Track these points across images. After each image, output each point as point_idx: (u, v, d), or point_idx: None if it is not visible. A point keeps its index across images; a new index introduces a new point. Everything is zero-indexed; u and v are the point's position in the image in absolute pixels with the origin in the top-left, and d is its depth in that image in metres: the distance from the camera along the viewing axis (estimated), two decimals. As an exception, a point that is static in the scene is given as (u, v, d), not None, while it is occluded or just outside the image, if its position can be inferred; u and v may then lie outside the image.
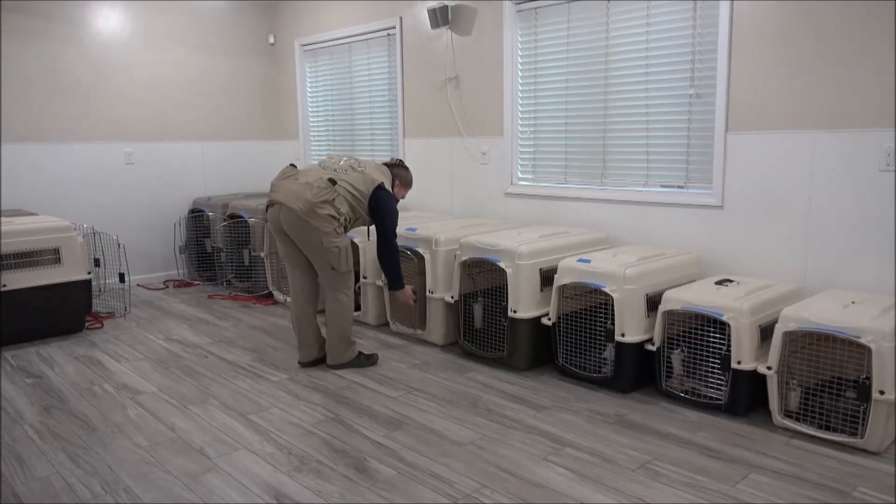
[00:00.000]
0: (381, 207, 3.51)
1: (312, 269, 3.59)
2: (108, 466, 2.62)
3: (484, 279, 3.89)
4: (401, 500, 2.35)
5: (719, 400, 3.01)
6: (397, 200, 3.65)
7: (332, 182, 3.39)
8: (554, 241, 3.73)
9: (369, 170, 3.54)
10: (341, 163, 3.54)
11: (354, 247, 4.43)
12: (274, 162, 6.65)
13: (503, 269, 3.57)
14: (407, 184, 3.80)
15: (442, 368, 3.68)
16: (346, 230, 3.49)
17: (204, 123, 6.14)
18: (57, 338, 4.33)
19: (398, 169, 3.76)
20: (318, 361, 3.73)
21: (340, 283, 3.53)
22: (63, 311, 4.29)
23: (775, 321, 2.84)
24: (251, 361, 3.84)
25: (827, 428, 2.75)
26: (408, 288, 3.75)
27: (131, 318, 4.82)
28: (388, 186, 3.58)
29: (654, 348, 3.19)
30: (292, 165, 3.55)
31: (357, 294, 4.56)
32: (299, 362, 3.72)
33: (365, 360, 3.70)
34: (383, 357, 3.87)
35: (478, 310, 3.75)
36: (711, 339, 3.08)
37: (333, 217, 3.37)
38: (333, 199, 3.36)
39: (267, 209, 3.50)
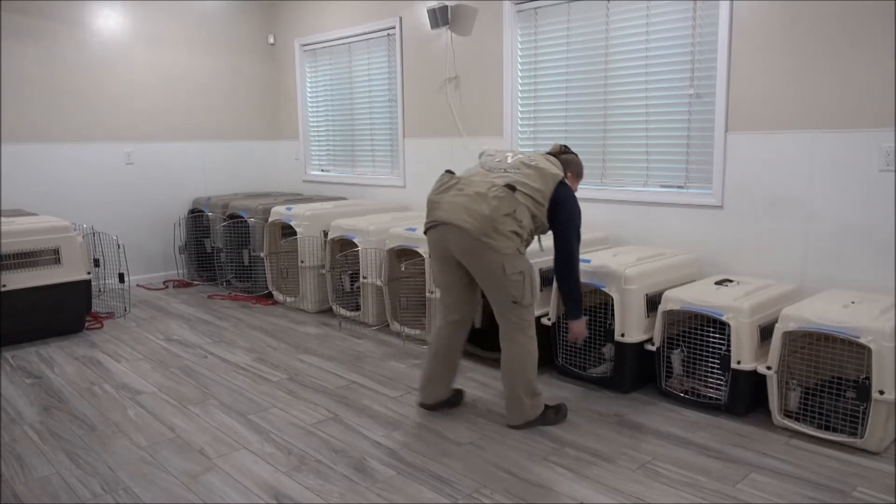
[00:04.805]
0: (563, 209, 2.79)
1: (474, 298, 2.96)
2: (108, 466, 2.62)
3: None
4: (401, 500, 2.35)
5: (719, 400, 3.01)
6: None
7: (511, 188, 2.68)
8: (554, 241, 3.73)
9: (542, 162, 2.82)
10: (510, 160, 2.84)
11: (351, 244, 4.43)
12: (274, 162, 6.66)
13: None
14: (579, 174, 3.04)
15: (442, 368, 3.68)
16: (527, 246, 2.82)
17: (204, 123, 6.14)
18: (57, 338, 4.33)
19: (567, 156, 3.00)
20: (444, 405, 3.07)
21: (521, 319, 2.80)
22: (63, 312, 4.29)
23: (775, 321, 2.84)
24: (251, 361, 3.84)
25: (827, 428, 2.75)
26: (584, 321, 3.01)
27: (131, 318, 4.82)
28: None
29: (653, 348, 3.19)
30: (449, 172, 2.87)
31: (357, 294, 4.57)
32: (422, 404, 3.05)
33: (553, 416, 2.92)
34: (383, 356, 3.87)
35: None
36: (711, 339, 3.08)
37: (516, 234, 2.69)
38: (515, 211, 2.67)
39: (426, 231, 2.85)
